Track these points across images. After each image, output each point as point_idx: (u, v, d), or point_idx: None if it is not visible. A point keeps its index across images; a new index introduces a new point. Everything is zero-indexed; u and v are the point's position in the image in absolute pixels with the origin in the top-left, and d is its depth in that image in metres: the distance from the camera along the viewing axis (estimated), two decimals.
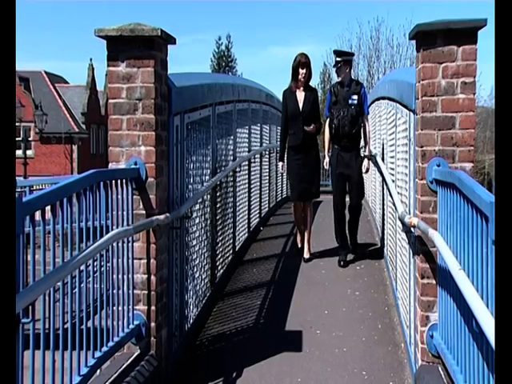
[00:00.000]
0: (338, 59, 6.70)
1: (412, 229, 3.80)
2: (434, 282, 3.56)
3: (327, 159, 6.88)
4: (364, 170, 6.97)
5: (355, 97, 6.66)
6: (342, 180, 6.72)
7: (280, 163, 7.20)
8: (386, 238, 6.56)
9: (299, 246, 7.09)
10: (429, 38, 3.52)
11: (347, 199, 6.96)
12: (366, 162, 6.98)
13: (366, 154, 7.01)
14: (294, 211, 7.14)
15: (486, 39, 3.72)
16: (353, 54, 7.79)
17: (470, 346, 2.76)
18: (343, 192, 6.78)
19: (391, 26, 52.18)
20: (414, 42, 3.79)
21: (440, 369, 3.47)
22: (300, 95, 6.77)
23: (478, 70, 3.61)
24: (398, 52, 30.20)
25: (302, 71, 6.67)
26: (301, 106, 6.73)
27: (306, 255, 6.83)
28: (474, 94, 3.54)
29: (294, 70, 6.75)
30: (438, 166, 3.52)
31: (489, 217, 2.33)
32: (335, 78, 8.17)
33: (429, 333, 3.56)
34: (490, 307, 2.28)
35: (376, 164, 7.55)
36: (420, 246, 3.64)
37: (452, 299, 3.13)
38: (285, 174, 10.12)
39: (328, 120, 6.82)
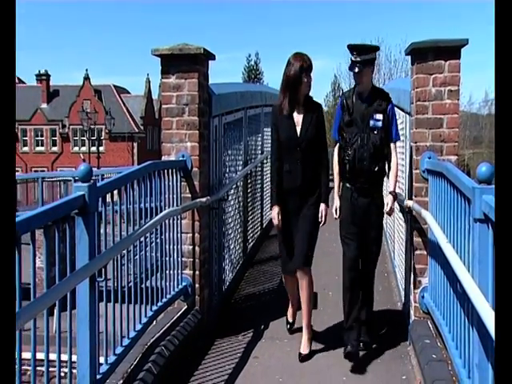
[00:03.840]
0: (357, 59, 3.42)
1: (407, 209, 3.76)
2: (425, 252, 3.54)
3: (337, 203, 3.57)
4: (387, 209, 3.56)
5: (379, 116, 3.42)
6: (355, 237, 3.51)
7: (275, 215, 3.57)
8: (385, 217, 6.49)
9: (289, 320, 3.95)
10: (421, 53, 3.54)
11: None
12: (389, 199, 3.53)
13: (391, 189, 3.58)
14: (284, 282, 3.99)
15: (468, 55, 3.74)
16: (377, 49, 3.74)
17: (453, 304, 2.75)
18: (357, 256, 3.53)
19: (389, 44, 51.50)
20: (409, 57, 3.79)
21: (429, 322, 3.46)
22: (298, 116, 3.54)
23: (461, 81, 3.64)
24: (395, 66, 30.42)
25: (305, 80, 3.48)
26: (299, 131, 3.53)
27: (304, 350, 3.51)
28: (458, 99, 3.56)
29: (292, 79, 3.47)
30: (429, 158, 3.51)
31: (470, 199, 2.31)
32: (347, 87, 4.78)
33: (421, 294, 3.55)
34: (471, 271, 2.26)
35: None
36: (414, 223, 3.63)
37: (440, 266, 3.11)
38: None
39: (337, 146, 3.60)
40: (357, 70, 3.37)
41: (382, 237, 3.71)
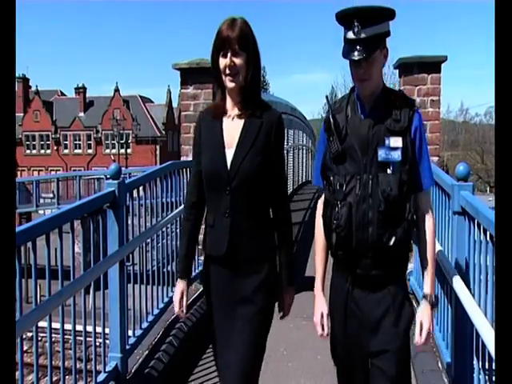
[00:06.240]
0: (360, 34, 1.45)
1: None
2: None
3: (321, 307, 1.65)
4: (422, 338, 1.53)
5: (396, 142, 1.50)
6: (353, 368, 1.63)
7: (176, 299, 1.74)
8: None
9: None
10: (408, 67, 3.61)
11: None
12: (424, 313, 1.55)
13: (427, 291, 1.57)
14: None
15: (447, 71, 3.85)
16: (393, 15, 1.50)
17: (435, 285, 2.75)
18: None
19: None
20: (396, 70, 3.82)
21: (414, 301, 3.46)
22: (230, 131, 1.62)
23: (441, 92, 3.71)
24: (385, 79, 30.08)
25: (226, 61, 1.55)
26: (230, 157, 1.60)
27: None
28: (439, 108, 3.64)
29: (213, 59, 1.60)
30: None
31: (450, 194, 2.31)
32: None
33: (406, 277, 3.54)
34: (450, 257, 2.27)
35: None
36: None
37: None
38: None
39: (321, 199, 1.65)
40: (357, 55, 1.47)
41: (409, 371, 1.63)
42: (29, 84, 37.15)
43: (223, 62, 1.57)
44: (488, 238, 1.78)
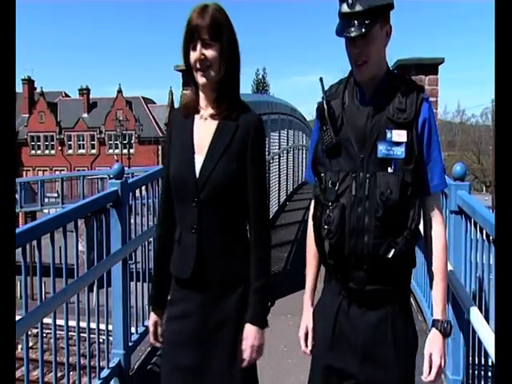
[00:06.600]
0: (356, 7, 1.21)
1: None
2: None
3: (307, 321, 1.46)
4: (432, 375, 1.24)
5: (400, 135, 1.24)
6: None
7: (151, 332, 1.47)
8: None
9: None
10: (405, 69, 3.61)
11: None
12: (434, 344, 1.27)
13: (437, 315, 1.29)
14: None
15: (444, 73, 3.86)
16: None
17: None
18: None
19: None
20: (395, 72, 3.82)
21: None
22: (201, 134, 1.37)
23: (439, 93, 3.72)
24: None
25: (196, 53, 1.32)
26: (199, 164, 1.35)
27: None
28: (436, 109, 3.62)
29: (184, 53, 1.35)
30: None
31: (447, 194, 2.31)
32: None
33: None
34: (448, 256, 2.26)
35: None
36: None
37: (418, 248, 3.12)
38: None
39: (313, 199, 1.36)
40: (352, 31, 1.23)
41: None
42: (34, 86, 37.17)
43: (193, 55, 1.32)
44: (484, 237, 1.78)
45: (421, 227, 1.32)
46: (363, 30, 1.20)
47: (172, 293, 1.42)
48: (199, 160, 1.35)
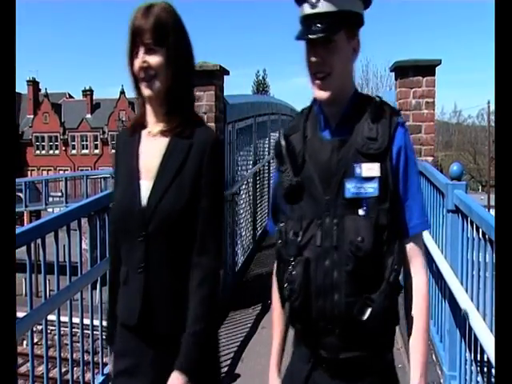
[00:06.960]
0: (316, 7, 1.02)
1: None
2: None
3: None
4: None
5: (371, 169, 1.02)
6: None
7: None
8: None
9: None
10: (403, 70, 3.59)
11: None
12: None
13: (414, 379, 1.04)
14: None
15: (441, 74, 3.86)
16: None
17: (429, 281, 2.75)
18: None
19: (376, 63, 51.27)
20: (393, 73, 3.80)
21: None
22: (151, 148, 1.17)
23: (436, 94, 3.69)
24: (381, 81, 30.21)
25: (138, 61, 1.12)
26: (145, 192, 1.14)
27: None
28: (434, 110, 3.60)
29: (128, 60, 1.14)
30: None
31: (444, 193, 2.31)
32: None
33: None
34: (444, 253, 2.27)
35: None
36: None
37: None
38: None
39: (276, 252, 1.09)
40: (314, 33, 1.04)
41: None
42: (39, 87, 37.19)
43: (136, 62, 1.12)
44: (480, 236, 1.78)
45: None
46: (326, 33, 1.00)
47: (119, 340, 1.20)
48: (146, 186, 1.13)
